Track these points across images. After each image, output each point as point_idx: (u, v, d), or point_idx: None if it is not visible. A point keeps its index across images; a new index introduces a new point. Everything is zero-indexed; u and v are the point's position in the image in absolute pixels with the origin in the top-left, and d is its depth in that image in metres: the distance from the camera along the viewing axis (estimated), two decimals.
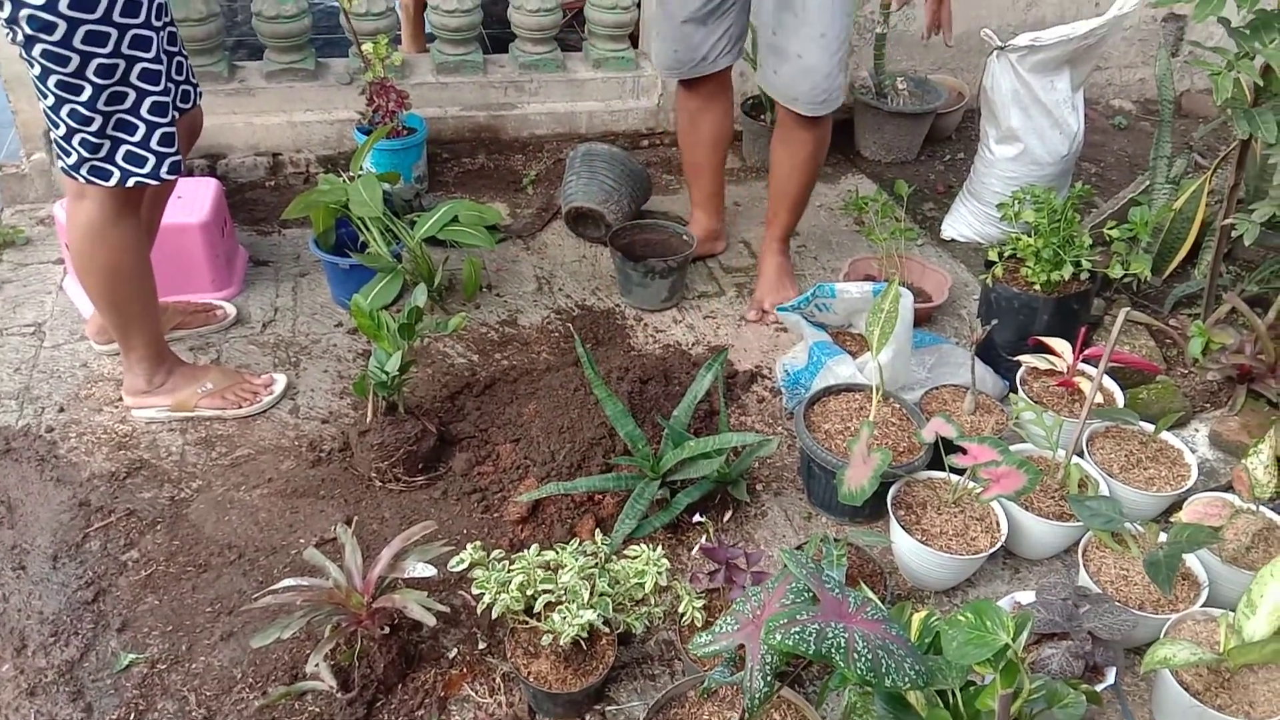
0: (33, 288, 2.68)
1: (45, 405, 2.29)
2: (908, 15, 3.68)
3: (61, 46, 1.75)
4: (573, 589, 1.61)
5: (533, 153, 3.47)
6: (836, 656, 1.23)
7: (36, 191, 3.03)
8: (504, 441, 2.22)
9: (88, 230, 1.99)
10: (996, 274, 2.43)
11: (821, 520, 2.13)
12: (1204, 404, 2.41)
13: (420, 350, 2.51)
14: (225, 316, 2.58)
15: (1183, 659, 1.55)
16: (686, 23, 2.50)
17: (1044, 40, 2.77)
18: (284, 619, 1.61)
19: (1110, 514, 1.78)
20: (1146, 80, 4.16)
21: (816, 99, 2.41)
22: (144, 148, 1.91)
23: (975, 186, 3.08)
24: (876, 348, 1.98)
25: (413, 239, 2.56)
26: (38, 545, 1.96)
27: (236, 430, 2.25)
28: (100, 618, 1.83)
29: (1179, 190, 2.77)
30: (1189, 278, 2.79)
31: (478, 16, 3.32)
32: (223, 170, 3.21)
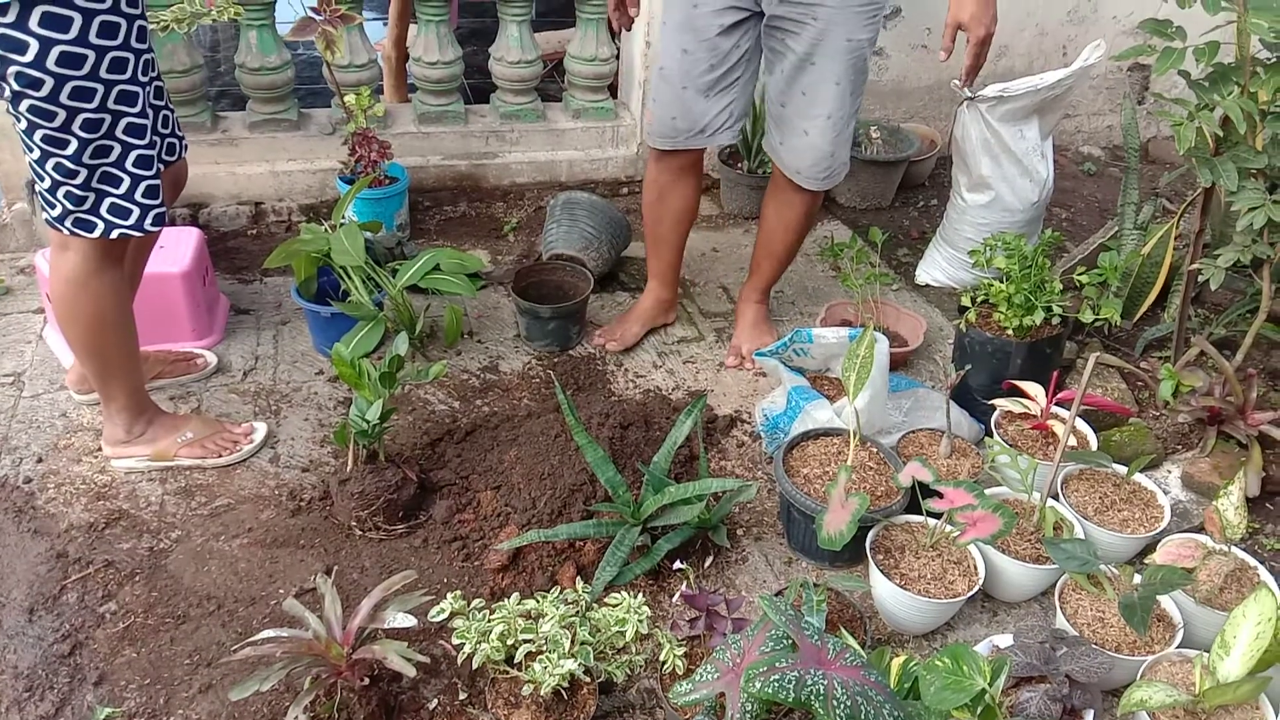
0: (12, 337, 2.68)
1: (23, 455, 2.28)
2: (880, 66, 3.77)
3: (48, 102, 1.77)
4: (554, 638, 1.61)
5: (514, 201, 3.51)
6: (816, 704, 1.25)
7: (17, 241, 3.03)
8: (485, 489, 2.23)
9: (71, 281, 2.00)
10: (970, 319, 2.47)
11: (802, 565, 2.14)
12: (1175, 445, 2.45)
13: (401, 398, 2.52)
14: (206, 365, 2.58)
15: (1159, 700, 1.56)
16: (688, 90, 2.40)
17: (1013, 90, 2.84)
18: (263, 671, 1.60)
19: (1085, 556, 1.80)
20: (1114, 127, 4.26)
21: (819, 175, 2.45)
22: (129, 200, 1.93)
23: (948, 233, 3.13)
24: (853, 392, 2.01)
25: (394, 287, 2.58)
26: (13, 598, 1.94)
27: (216, 479, 2.25)
28: (77, 671, 1.81)
29: (1147, 235, 2.83)
30: (1158, 321, 2.85)
31: (459, 68, 3.37)
32: (205, 219, 3.23)
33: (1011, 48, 3.89)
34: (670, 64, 2.41)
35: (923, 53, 3.80)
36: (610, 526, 2.05)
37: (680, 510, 2.03)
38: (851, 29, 2.27)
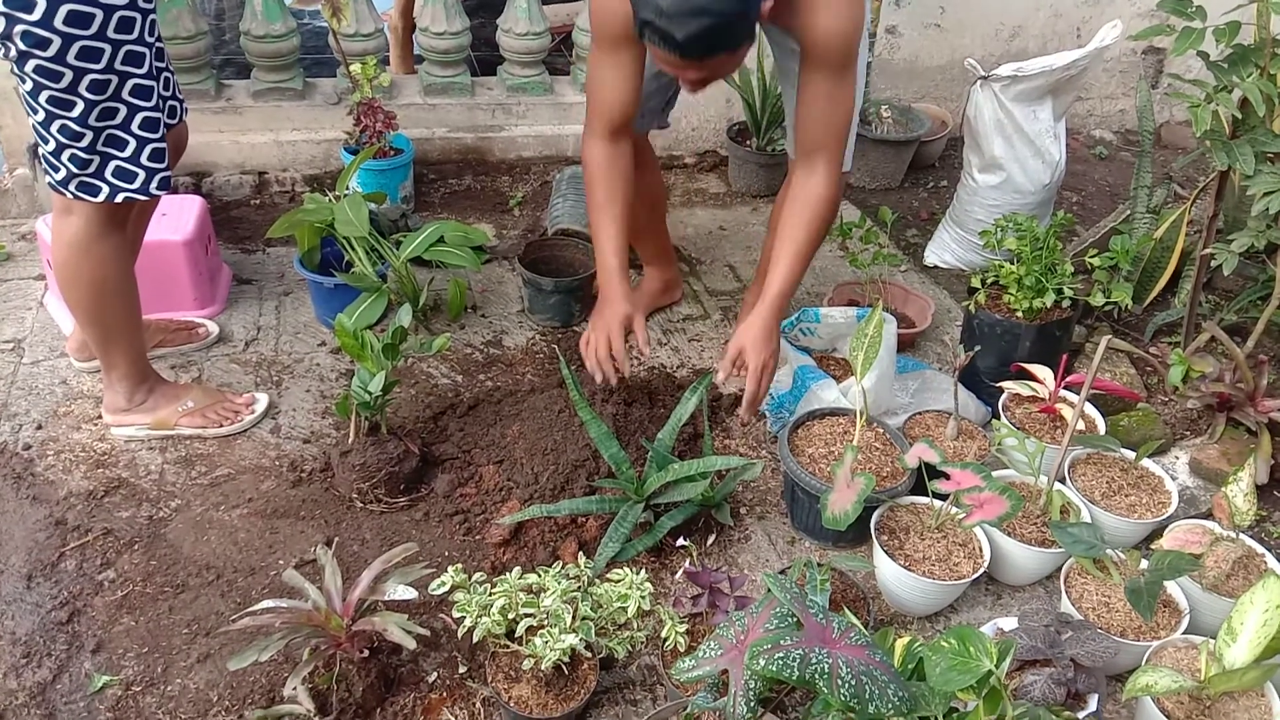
0: (13, 303, 2.66)
1: (23, 422, 2.26)
2: (893, 45, 3.73)
3: (55, 62, 1.74)
4: (555, 613, 1.60)
5: (519, 174, 3.48)
6: (820, 682, 1.23)
7: (19, 207, 3.01)
8: (487, 463, 2.21)
9: (74, 245, 1.97)
10: (979, 300, 2.44)
11: (805, 545, 2.12)
12: (1184, 432, 2.43)
13: (404, 370, 2.50)
14: (207, 335, 2.56)
15: (1164, 686, 1.55)
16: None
17: (1027, 70, 2.81)
18: (262, 641, 1.59)
19: (1092, 540, 1.79)
20: (1127, 111, 4.22)
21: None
22: (134, 163, 1.91)
23: (958, 214, 3.10)
24: (860, 372, 1.99)
25: (398, 259, 2.55)
26: (12, 564, 1.93)
27: (217, 449, 2.23)
28: (75, 639, 1.80)
29: (1159, 220, 2.80)
30: (1169, 306, 2.82)
31: (466, 39, 3.33)
32: (208, 188, 3.20)
33: (1025, 28, 3.85)
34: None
35: (935, 32, 3.76)
36: (613, 503, 2.04)
37: (684, 487, 2.01)
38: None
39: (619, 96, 2.12)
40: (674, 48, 1.75)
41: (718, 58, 1.80)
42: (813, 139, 2.10)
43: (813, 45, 1.99)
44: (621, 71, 2.09)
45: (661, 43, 1.76)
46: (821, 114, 2.06)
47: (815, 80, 2.03)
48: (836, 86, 2.04)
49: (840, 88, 2.04)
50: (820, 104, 2.05)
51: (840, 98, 2.06)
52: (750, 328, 2.12)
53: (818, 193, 2.11)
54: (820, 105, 2.06)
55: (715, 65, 1.83)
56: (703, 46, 1.75)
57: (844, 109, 2.08)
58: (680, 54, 1.77)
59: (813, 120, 2.08)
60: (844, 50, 1.99)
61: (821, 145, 2.09)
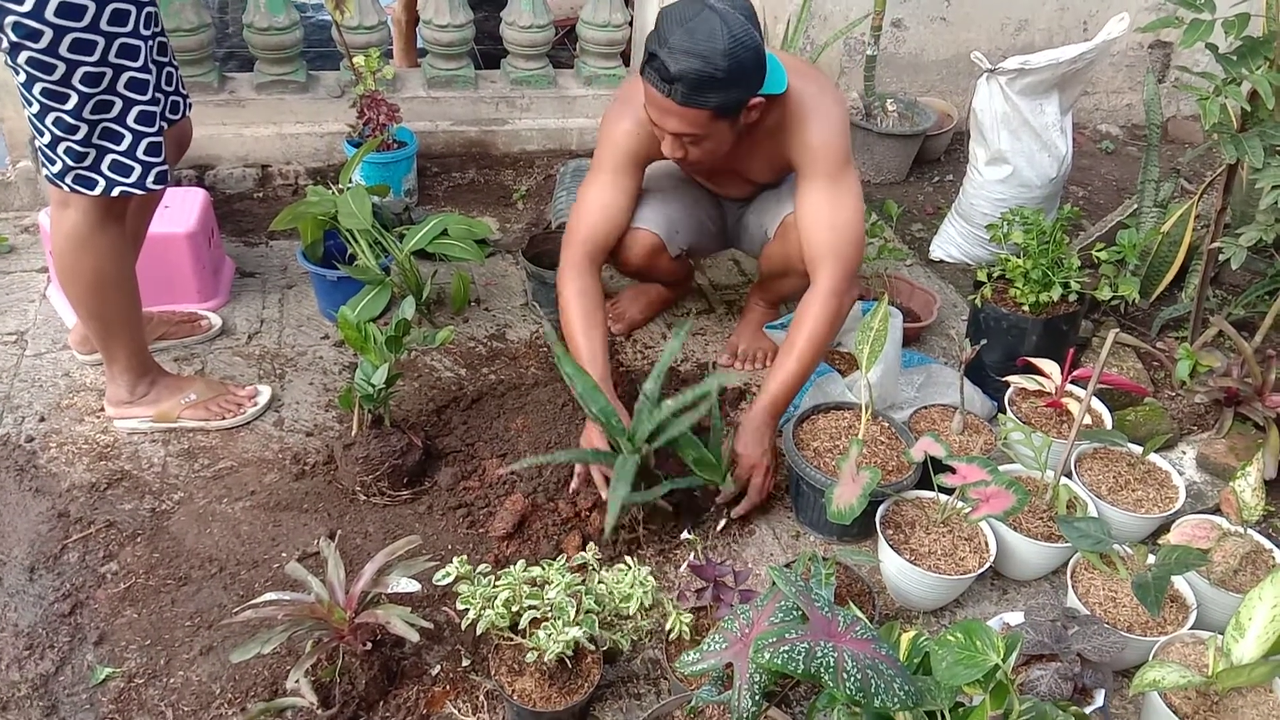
0: (16, 296, 2.65)
1: (26, 414, 2.26)
2: (898, 38, 3.71)
3: (47, 54, 1.73)
4: (559, 605, 1.59)
5: (523, 168, 3.47)
6: (826, 676, 1.22)
7: (21, 199, 3.00)
8: (490, 456, 2.20)
9: (72, 238, 1.96)
10: (985, 294, 2.43)
11: (810, 539, 2.11)
12: (1191, 426, 2.42)
13: (407, 364, 2.49)
14: (210, 327, 2.55)
15: (1172, 681, 1.54)
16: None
17: (1033, 64, 2.79)
18: (264, 634, 1.58)
19: (1099, 535, 1.77)
20: (1133, 105, 4.20)
21: None
22: (130, 157, 1.89)
23: (964, 208, 3.09)
24: (866, 365, 1.98)
25: (402, 252, 2.54)
26: (14, 556, 1.93)
27: (220, 442, 2.22)
28: (77, 630, 1.80)
29: (1166, 214, 2.78)
30: (1176, 301, 2.81)
31: (470, 32, 3.32)
32: (211, 181, 3.19)
33: (1032, 22, 3.83)
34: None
35: (941, 25, 3.74)
36: (608, 456, 1.99)
37: (679, 423, 1.96)
38: None
39: (606, 218, 2.22)
40: (665, 79, 1.86)
41: (700, 111, 1.90)
42: (817, 250, 2.10)
43: (810, 159, 2.08)
44: (615, 195, 2.21)
45: (657, 76, 1.87)
46: (826, 221, 2.08)
47: (815, 189, 2.09)
48: (837, 193, 2.08)
49: (841, 193, 2.08)
50: (824, 211, 2.08)
51: (843, 202, 2.08)
52: (746, 431, 2.10)
53: (822, 298, 2.09)
54: (824, 212, 2.08)
55: (695, 120, 1.92)
56: (689, 86, 1.86)
57: (848, 213, 2.09)
58: (668, 89, 1.87)
59: (819, 229, 2.09)
60: (839, 157, 2.08)
61: (826, 254, 2.09)
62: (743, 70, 1.87)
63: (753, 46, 1.88)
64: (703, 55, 1.83)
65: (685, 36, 1.83)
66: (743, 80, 1.89)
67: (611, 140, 2.18)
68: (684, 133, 1.96)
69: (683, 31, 1.84)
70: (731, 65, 1.84)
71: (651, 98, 1.94)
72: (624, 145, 2.16)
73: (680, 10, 1.87)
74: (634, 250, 2.38)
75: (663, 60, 1.85)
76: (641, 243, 2.37)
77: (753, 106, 1.96)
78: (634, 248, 2.37)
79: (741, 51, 1.85)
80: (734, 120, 1.97)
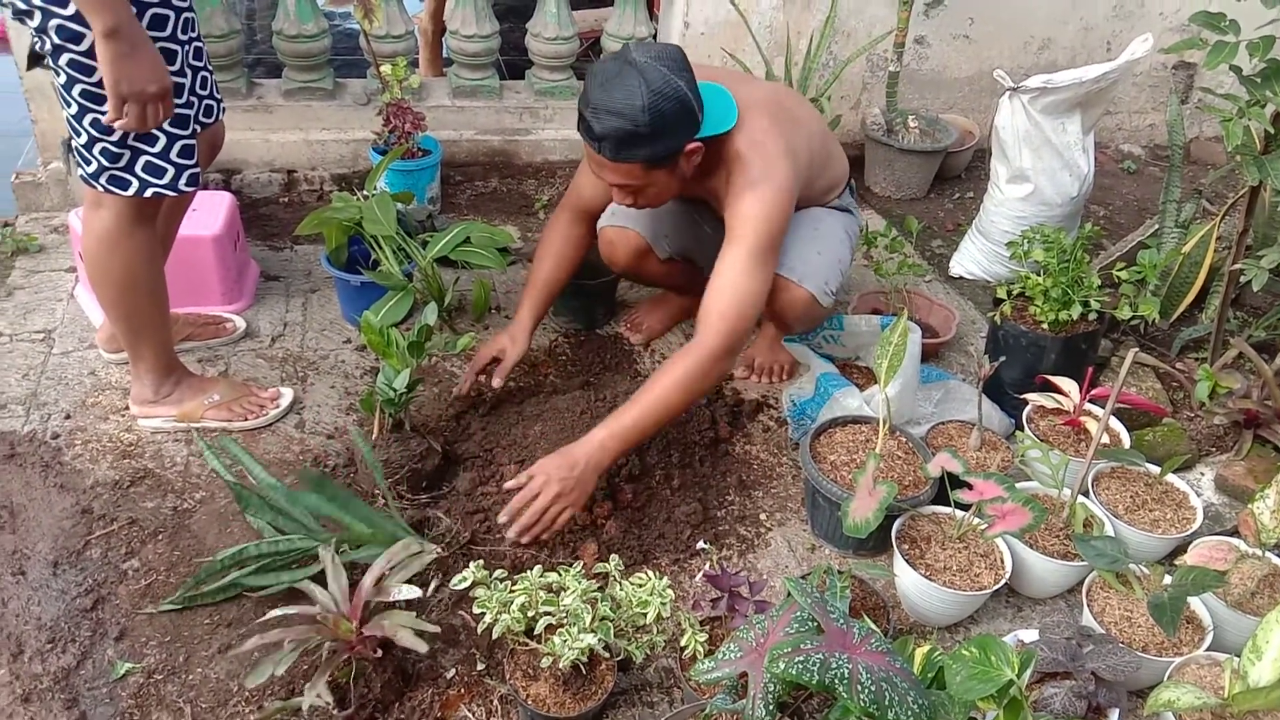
0: (44, 294, 2.69)
1: (52, 411, 2.29)
2: (921, 55, 3.72)
3: (88, 57, 1.76)
4: (575, 611, 1.60)
5: (545, 178, 3.50)
6: (840, 687, 1.23)
7: (51, 200, 3.05)
8: (509, 463, 2.21)
9: (103, 239, 2.00)
10: (1005, 311, 2.43)
11: (825, 552, 2.12)
12: (1210, 448, 2.41)
13: (428, 369, 2.51)
14: (234, 329, 2.58)
15: (1187, 703, 1.53)
16: None
17: (1056, 83, 2.80)
18: (275, 654, 1.58)
19: (1115, 554, 1.77)
20: (1156, 126, 4.20)
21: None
22: (163, 159, 1.93)
23: (984, 225, 3.09)
24: (884, 380, 1.98)
25: (425, 258, 2.57)
26: (38, 551, 1.95)
27: (242, 443, 2.24)
28: (98, 625, 1.82)
29: (1188, 235, 2.78)
30: (1196, 321, 2.80)
31: (496, 43, 3.36)
32: (237, 185, 3.23)
33: (1055, 41, 3.83)
34: None
35: (964, 43, 3.75)
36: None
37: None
38: None
39: (591, 195, 2.37)
40: (592, 139, 1.93)
41: (629, 165, 1.94)
42: (710, 310, 2.04)
43: (741, 228, 2.04)
44: (597, 182, 2.24)
45: (586, 134, 1.95)
46: (727, 286, 2.03)
47: (733, 255, 2.04)
48: (751, 267, 2.03)
49: (752, 269, 2.03)
50: (728, 278, 2.03)
51: (749, 277, 2.03)
52: (561, 453, 1.96)
53: (690, 359, 2.00)
54: (728, 280, 2.03)
55: (629, 173, 1.97)
56: (613, 145, 1.91)
57: (749, 288, 2.04)
58: (598, 146, 1.93)
59: (716, 290, 2.04)
60: (763, 238, 2.04)
61: (715, 317, 2.02)
62: (665, 122, 1.89)
63: (675, 97, 1.90)
64: (621, 114, 1.87)
65: (604, 95, 1.88)
66: (667, 132, 1.91)
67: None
68: (621, 184, 2.01)
69: (601, 91, 1.89)
70: (653, 119, 1.87)
71: (588, 152, 2.00)
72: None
73: (602, 69, 1.92)
74: (620, 248, 2.46)
75: (587, 121, 1.91)
76: (626, 241, 2.44)
77: (690, 152, 1.99)
78: (620, 246, 2.45)
79: (663, 103, 1.88)
80: (671, 167, 2.00)
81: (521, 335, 2.39)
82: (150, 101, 1.78)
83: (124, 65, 1.71)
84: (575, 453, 1.95)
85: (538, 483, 1.93)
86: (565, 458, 1.95)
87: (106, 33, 1.67)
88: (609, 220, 2.45)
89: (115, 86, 1.73)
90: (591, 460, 1.95)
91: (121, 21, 1.68)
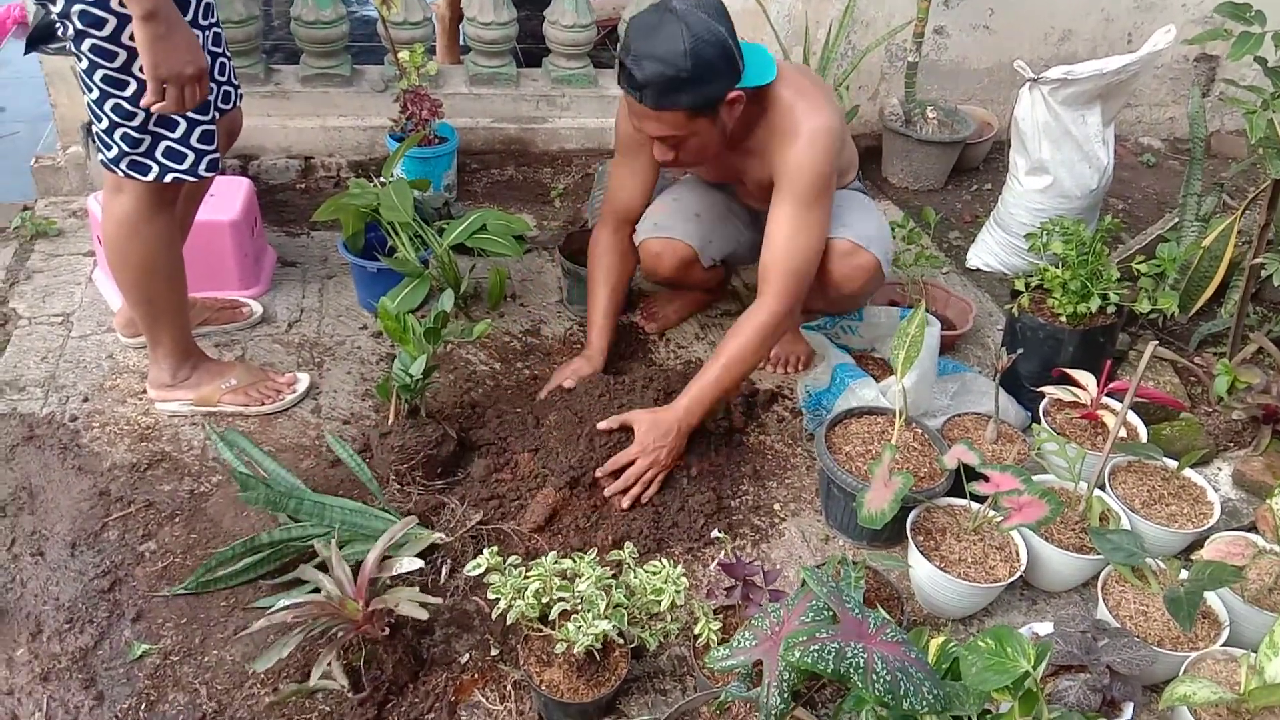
0: (63, 278, 2.71)
1: (70, 394, 2.30)
2: (940, 45, 3.70)
3: (110, 42, 1.77)
4: (589, 598, 1.60)
5: (561, 166, 3.49)
6: (855, 676, 1.23)
7: (70, 184, 3.06)
8: (523, 450, 2.22)
9: (123, 223, 2.01)
10: (1023, 304, 2.42)
11: (839, 542, 2.12)
12: (1228, 443, 2.39)
13: (443, 356, 2.52)
14: (251, 315, 2.59)
15: (1203, 697, 1.53)
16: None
17: (1077, 74, 2.78)
18: (282, 639, 1.60)
19: (1132, 548, 1.76)
20: (1176, 119, 4.16)
21: None
22: (184, 144, 1.93)
23: (1002, 217, 3.08)
24: (901, 371, 1.98)
25: (441, 245, 2.57)
26: (57, 532, 1.97)
27: (258, 427, 2.26)
28: (116, 607, 1.83)
29: (1208, 228, 2.76)
30: (1215, 316, 2.78)
31: (513, 30, 3.35)
32: (255, 171, 3.24)
33: (1076, 32, 3.80)
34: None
35: (983, 34, 3.73)
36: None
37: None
38: None
39: (629, 195, 2.38)
40: (634, 86, 1.93)
41: (672, 113, 1.94)
42: (769, 268, 2.11)
43: (787, 179, 2.07)
44: (634, 175, 2.34)
45: (627, 84, 1.95)
46: (783, 243, 2.09)
47: (782, 211, 2.09)
48: (802, 219, 2.08)
49: (806, 220, 2.08)
50: (783, 233, 2.09)
51: (804, 230, 2.08)
52: (652, 417, 2.07)
53: (761, 316, 2.10)
54: (783, 234, 2.09)
55: (672, 122, 1.97)
56: (655, 92, 1.91)
57: (806, 242, 2.09)
58: (639, 95, 1.93)
59: (775, 247, 2.10)
60: (814, 184, 2.06)
61: (776, 275, 2.10)
62: (708, 67, 1.90)
63: (716, 42, 1.91)
64: (664, 59, 1.87)
65: (645, 42, 1.89)
66: (710, 76, 1.91)
67: (620, 129, 2.29)
68: (664, 135, 2.01)
69: (642, 39, 1.90)
70: (696, 64, 1.88)
71: (630, 106, 2.00)
72: (630, 133, 2.19)
73: (643, 18, 1.93)
74: (667, 260, 2.42)
75: (629, 68, 1.91)
76: (675, 253, 2.41)
77: (732, 100, 1.99)
78: (666, 258, 2.41)
79: (704, 49, 1.88)
80: (713, 117, 1.99)
81: (598, 357, 2.39)
82: (188, 83, 1.79)
83: (162, 47, 1.72)
84: (666, 417, 2.07)
85: (634, 449, 2.04)
86: (659, 428, 2.05)
87: (145, 16, 1.68)
88: (652, 232, 2.42)
89: (154, 70, 1.73)
90: (682, 424, 2.08)
91: (159, 4, 1.69)
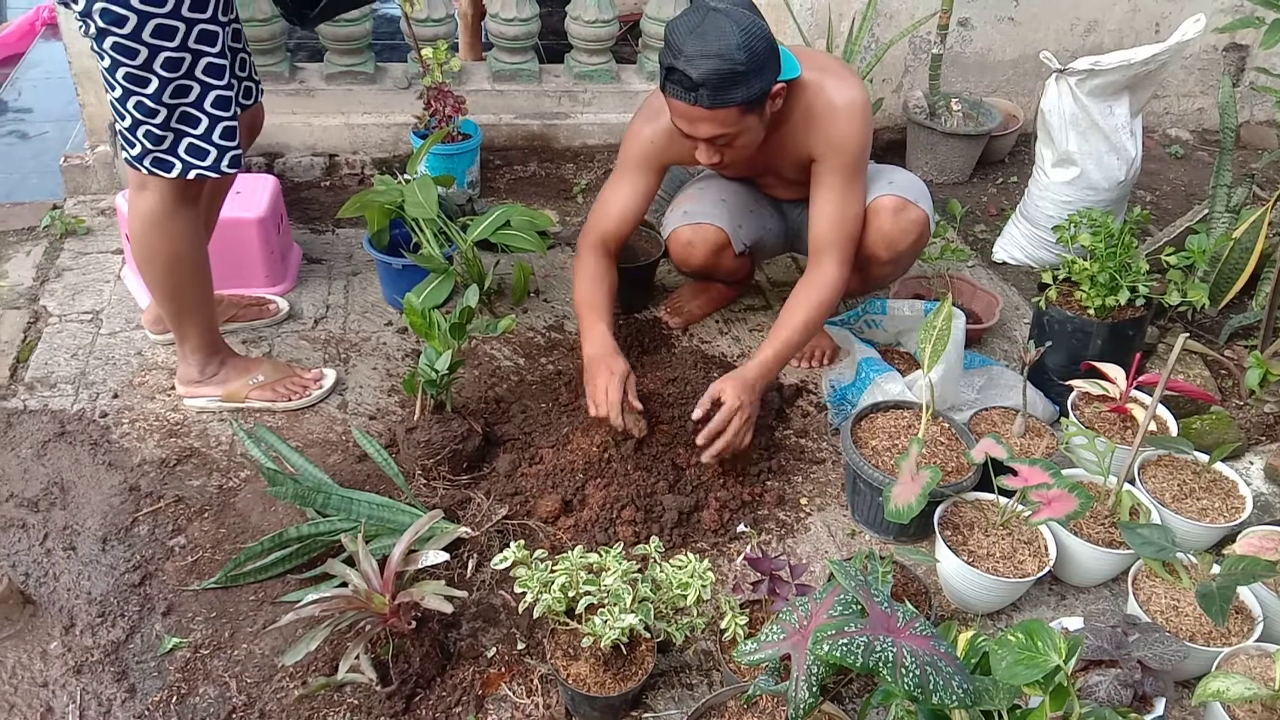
0: (92, 276, 2.73)
1: (100, 391, 2.33)
2: (964, 37, 3.67)
3: (131, 39, 1.79)
4: (615, 592, 1.60)
5: (584, 162, 3.49)
6: (884, 670, 1.22)
7: (99, 183, 3.09)
8: (547, 445, 2.22)
9: (148, 220, 2.02)
10: (1050, 297, 2.40)
11: (865, 537, 2.11)
12: (1260, 436, 2.36)
13: (468, 351, 2.52)
14: (278, 311, 2.61)
15: (1237, 693, 1.51)
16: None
17: (1104, 65, 2.75)
18: (310, 633, 1.61)
19: (1163, 543, 1.75)
20: (1205, 110, 4.11)
21: None
22: (206, 141, 1.95)
23: (1028, 209, 3.05)
24: (928, 365, 1.96)
25: (465, 242, 2.58)
26: (88, 527, 1.99)
27: (285, 423, 2.27)
28: (146, 601, 1.85)
29: (1238, 220, 2.72)
30: (1246, 308, 2.74)
31: (535, 26, 3.35)
32: (280, 168, 3.26)
33: (1102, 23, 3.76)
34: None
35: (1009, 25, 3.69)
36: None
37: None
38: None
39: (619, 213, 2.31)
40: (690, 89, 1.91)
41: (728, 110, 1.94)
42: (823, 238, 2.22)
43: (831, 155, 2.16)
44: (630, 191, 2.29)
45: (680, 88, 1.93)
46: (834, 215, 2.21)
47: (828, 184, 2.20)
48: (849, 188, 2.20)
49: (853, 189, 2.21)
50: (833, 206, 2.20)
51: (852, 199, 2.21)
52: (734, 375, 2.12)
53: (824, 279, 2.21)
54: (833, 207, 2.21)
55: (726, 120, 1.96)
56: (711, 90, 1.91)
57: (853, 211, 2.23)
58: (694, 96, 1.92)
59: (825, 218, 2.21)
60: (859, 155, 2.18)
61: (832, 244, 2.22)
62: (760, 60, 1.92)
63: (763, 35, 1.94)
64: (720, 55, 1.88)
65: (698, 42, 1.89)
66: (762, 69, 1.94)
67: (634, 144, 2.27)
68: (716, 135, 2.01)
69: (694, 38, 1.89)
70: (749, 57, 1.90)
71: (678, 110, 1.99)
72: (645, 150, 2.26)
73: (685, 21, 1.93)
74: (699, 249, 2.41)
75: (682, 70, 1.90)
76: (706, 239, 2.39)
77: (776, 94, 2.02)
78: (699, 245, 2.40)
79: (755, 42, 1.91)
80: (760, 112, 2.02)
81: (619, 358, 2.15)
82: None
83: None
84: (749, 375, 2.11)
85: (734, 403, 2.05)
86: (744, 385, 2.08)
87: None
88: (682, 220, 2.42)
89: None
90: (760, 382, 2.13)
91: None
